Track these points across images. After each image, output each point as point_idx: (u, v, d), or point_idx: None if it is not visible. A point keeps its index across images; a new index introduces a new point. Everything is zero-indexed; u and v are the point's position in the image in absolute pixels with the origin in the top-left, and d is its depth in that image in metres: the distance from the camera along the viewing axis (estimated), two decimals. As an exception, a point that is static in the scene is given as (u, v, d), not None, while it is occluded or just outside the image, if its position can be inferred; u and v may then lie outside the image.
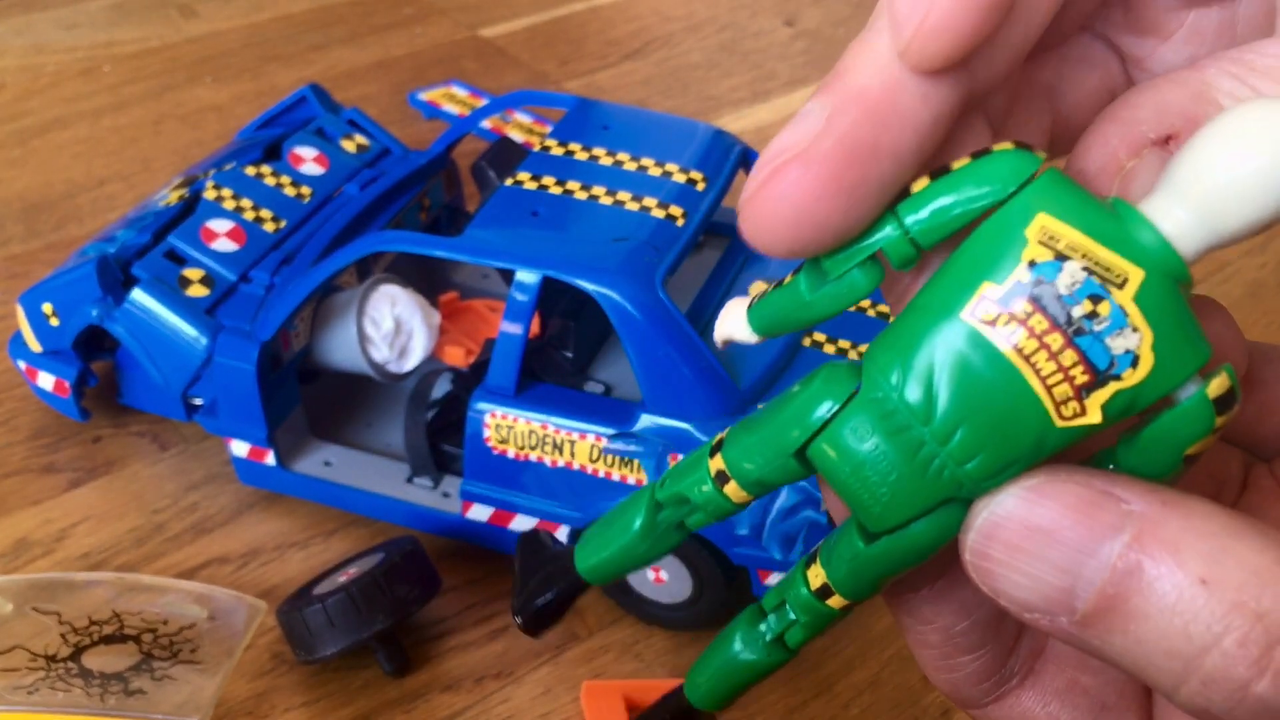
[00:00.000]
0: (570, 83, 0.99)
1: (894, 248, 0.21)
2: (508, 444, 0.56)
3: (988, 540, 0.21)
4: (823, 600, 0.24)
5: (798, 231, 0.21)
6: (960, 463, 0.21)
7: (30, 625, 0.52)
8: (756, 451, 0.23)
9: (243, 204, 0.65)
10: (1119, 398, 0.20)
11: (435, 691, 0.54)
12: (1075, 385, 0.20)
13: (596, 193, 0.58)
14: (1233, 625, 0.18)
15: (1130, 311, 0.19)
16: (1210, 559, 0.19)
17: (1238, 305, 0.75)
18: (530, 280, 0.54)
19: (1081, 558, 0.20)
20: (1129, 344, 0.20)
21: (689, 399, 0.53)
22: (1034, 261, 0.20)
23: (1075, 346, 0.20)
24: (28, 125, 0.93)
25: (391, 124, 0.86)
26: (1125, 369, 0.20)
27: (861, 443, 0.22)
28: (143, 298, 0.60)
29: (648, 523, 0.25)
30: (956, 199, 0.21)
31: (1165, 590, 0.19)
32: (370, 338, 0.60)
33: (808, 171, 0.20)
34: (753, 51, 1.04)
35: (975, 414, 0.20)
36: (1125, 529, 0.20)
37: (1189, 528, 0.19)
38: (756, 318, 0.24)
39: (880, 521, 0.22)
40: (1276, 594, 0.18)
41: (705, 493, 0.24)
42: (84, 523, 0.62)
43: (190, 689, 0.50)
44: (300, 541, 0.61)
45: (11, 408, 0.68)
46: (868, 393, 0.21)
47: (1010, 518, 0.21)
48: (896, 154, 0.21)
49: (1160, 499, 0.20)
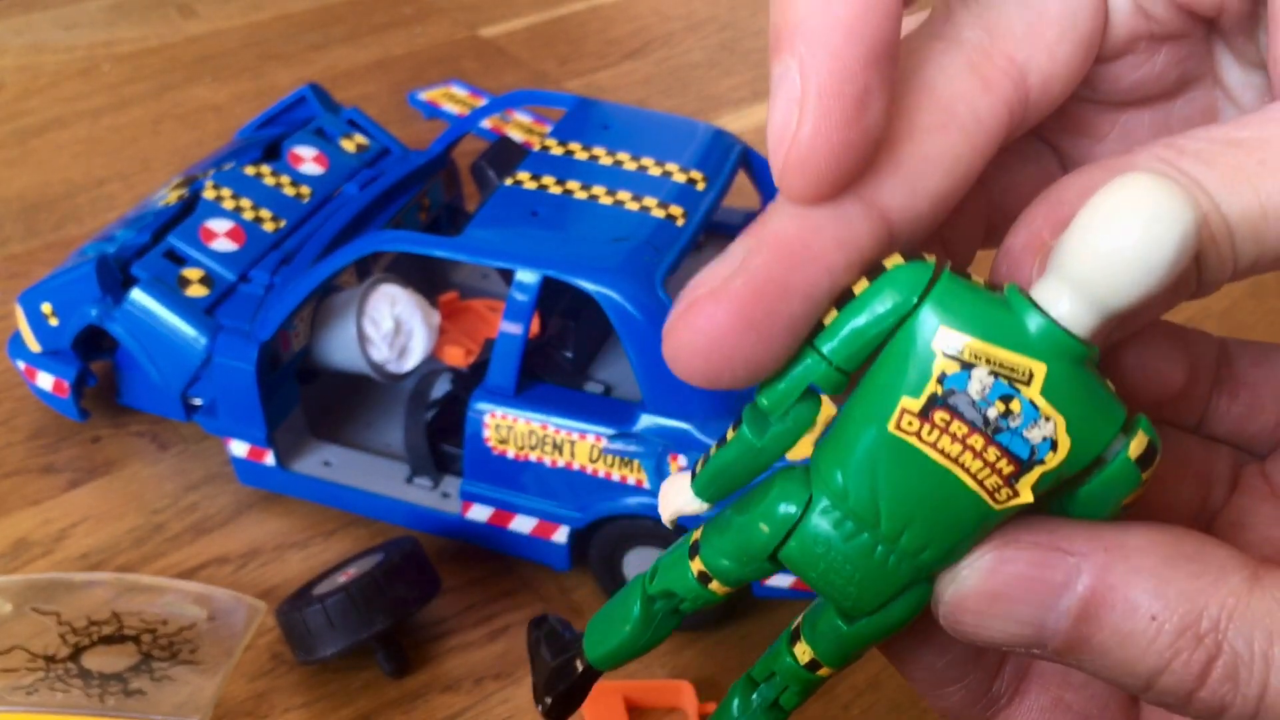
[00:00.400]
0: (570, 82, 0.99)
1: (823, 380, 0.22)
2: (507, 444, 0.56)
3: (958, 610, 0.23)
4: (813, 672, 0.26)
5: (710, 362, 0.22)
6: (914, 555, 0.23)
7: (29, 625, 0.52)
8: (731, 555, 0.25)
9: (242, 204, 0.65)
10: (1046, 478, 0.22)
11: (435, 692, 0.54)
12: (1003, 475, 0.22)
13: (596, 192, 0.57)
14: (1180, 649, 0.22)
15: (1040, 404, 0.21)
16: (1155, 594, 0.22)
17: (1238, 304, 0.75)
18: (530, 280, 0.54)
19: (1043, 612, 0.22)
20: (1045, 433, 0.21)
21: (689, 399, 0.53)
22: (944, 374, 0.21)
23: (996, 444, 0.21)
24: (27, 125, 0.93)
25: (391, 124, 0.85)
26: (1046, 453, 0.21)
27: (822, 549, 0.23)
28: (142, 298, 0.60)
29: (644, 614, 0.26)
30: (868, 321, 0.22)
31: (1120, 628, 0.22)
32: (370, 338, 0.60)
33: (719, 307, 0.22)
34: (753, 51, 1.04)
35: (917, 514, 0.22)
36: (1077, 583, 0.22)
37: (1132, 568, 0.22)
38: (704, 485, 0.25)
39: (855, 610, 0.24)
40: (1212, 615, 0.22)
41: (691, 588, 0.26)
42: (83, 523, 0.62)
43: (190, 689, 0.50)
44: (300, 542, 0.61)
45: (10, 408, 0.68)
46: (818, 503, 0.23)
47: (974, 591, 0.23)
48: (807, 294, 0.22)
49: (1103, 545, 0.22)
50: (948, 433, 0.21)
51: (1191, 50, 0.26)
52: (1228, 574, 0.22)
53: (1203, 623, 0.22)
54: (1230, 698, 0.22)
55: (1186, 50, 0.26)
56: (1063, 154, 0.28)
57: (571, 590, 0.59)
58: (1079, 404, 0.21)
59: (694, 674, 0.54)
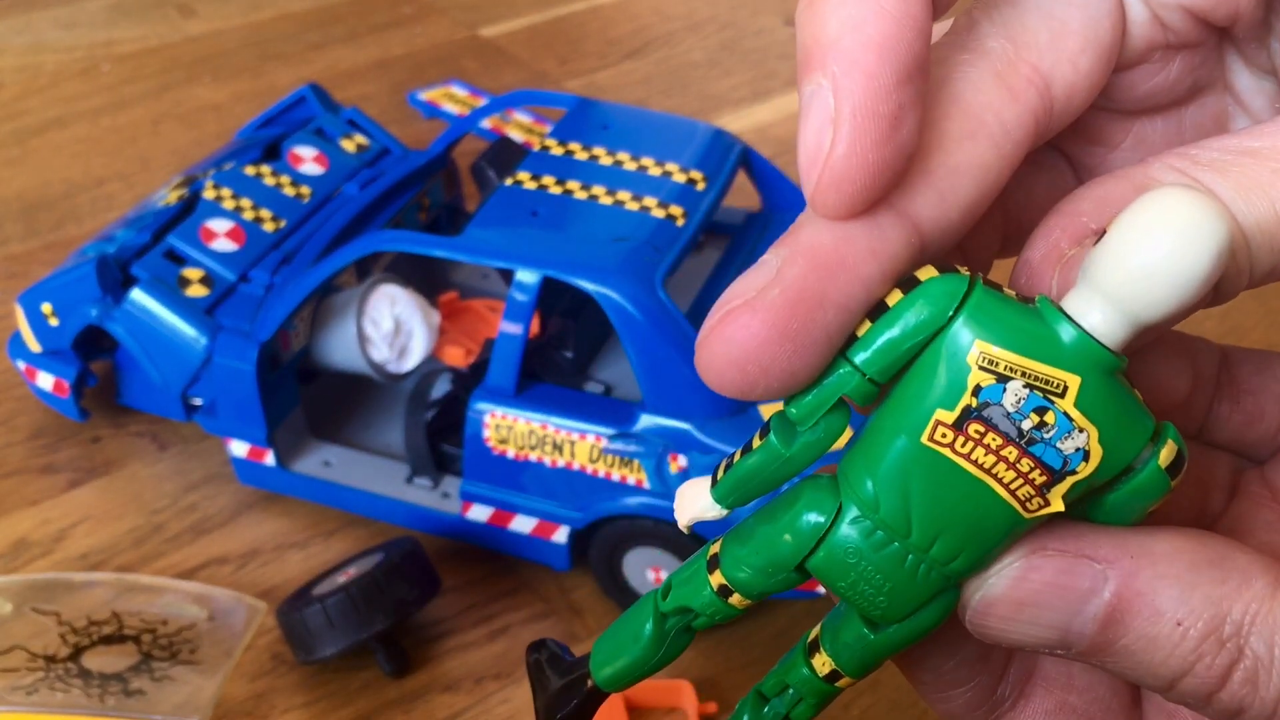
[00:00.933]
0: (570, 82, 0.99)
1: (856, 391, 0.23)
2: (507, 444, 0.56)
3: (984, 616, 0.23)
4: (833, 683, 0.26)
5: (744, 373, 0.22)
6: (945, 564, 0.23)
7: (29, 626, 0.52)
8: (756, 566, 0.24)
9: (242, 204, 0.65)
10: (1077, 487, 0.22)
11: (435, 692, 0.54)
12: (1035, 485, 0.22)
13: (596, 192, 0.57)
14: (1204, 653, 0.22)
15: (1074, 416, 0.21)
16: (1180, 601, 0.22)
17: (1240, 304, 0.75)
18: (530, 280, 0.54)
19: (1068, 618, 0.23)
20: (1078, 444, 0.21)
21: (689, 399, 0.53)
22: (979, 386, 0.21)
23: (1030, 455, 0.22)
24: (27, 125, 0.93)
25: (391, 124, 0.85)
26: (1079, 464, 0.22)
27: (853, 559, 0.23)
28: (142, 298, 0.60)
29: (656, 632, 0.26)
30: (902, 333, 0.22)
31: (1146, 633, 0.22)
32: (370, 338, 0.60)
33: (755, 318, 0.22)
34: (753, 51, 1.04)
35: (949, 525, 0.22)
36: (1103, 589, 0.22)
37: (1157, 575, 0.22)
38: (726, 492, 0.25)
39: (884, 619, 0.24)
40: (1235, 621, 0.22)
41: (709, 603, 0.25)
42: (83, 523, 0.62)
43: (190, 689, 0.50)
44: (300, 542, 0.61)
45: (11, 408, 0.68)
46: (848, 512, 0.23)
47: (1001, 598, 0.23)
48: (843, 305, 0.22)
49: (1129, 552, 0.23)
50: (981, 444, 0.22)
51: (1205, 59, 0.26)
52: (1251, 579, 0.22)
53: (1226, 627, 0.22)
54: (1249, 700, 0.22)
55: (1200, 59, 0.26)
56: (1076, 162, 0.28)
57: (571, 590, 0.59)
58: (1111, 415, 0.21)
59: (694, 674, 0.54)
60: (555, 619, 0.57)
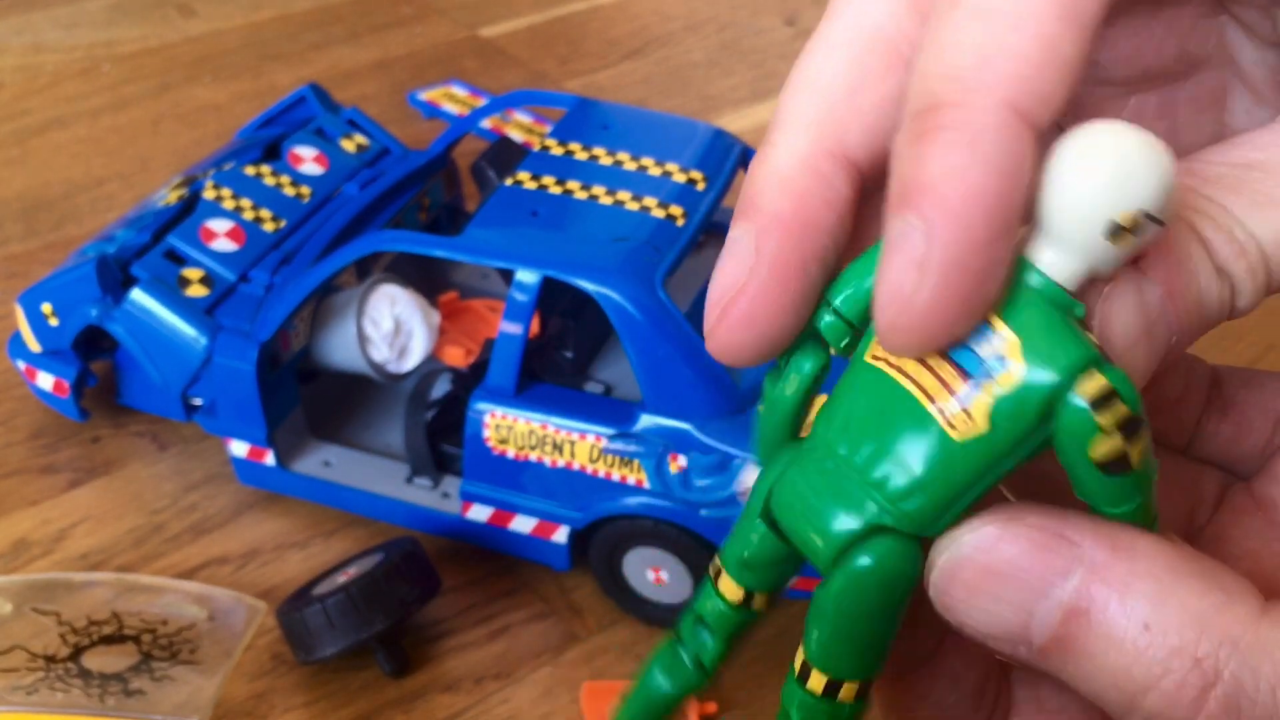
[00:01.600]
0: (570, 82, 0.99)
1: (829, 330, 0.23)
2: (507, 444, 0.56)
3: (949, 580, 0.22)
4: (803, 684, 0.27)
5: (758, 347, 0.24)
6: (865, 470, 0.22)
7: (29, 626, 0.52)
8: (735, 528, 0.25)
9: (242, 204, 0.65)
10: (1001, 403, 0.21)
11: (435, 692, 0.54)
12: (954, 393, 0.21)
13: (596, 192, 0.57)
14: (1172, 668, 0.20)
15: (995, 324, 0.21)
16: (1154, 603, 0.21)
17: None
18: (530, 280, 0.54)
19: (1035, 598, 0.21)
20: (997, 349, 0.21)
21: (689, 399, 0.53)
22: None
23: (950, 360, 0.21)
24: (26, 125, 0.93)
25: (391, 124, 0.85)
26: (998, 372, 0.21)
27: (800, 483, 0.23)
28: (142, 298, 0.60)
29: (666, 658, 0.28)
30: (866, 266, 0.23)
31: (1111, 632, 0.21)
32: (370, 338, 0.60)
33: (753, 301, 0.23)
34: (753, 51, 1.04)
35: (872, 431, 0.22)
36: (1075, 572, 0.21)
37: (1134, 571, 0.21)
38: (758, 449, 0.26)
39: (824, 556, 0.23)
40: (1213, 639, 0.20)
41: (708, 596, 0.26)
42: (83, 523, 0.62)
43: (190, 689, 0.50)
44: (300, 542, 0.61)
45: (11, 408, 0.68)
46: (805, 443, 0.24)
47: (968, 561, 0.22)
48: (819, 257, 0.23)
49: (1110, 542, 0.21)
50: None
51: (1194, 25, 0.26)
52: (1235, 601, 0.21)
53: (1201, 645, 0.20)
54: None
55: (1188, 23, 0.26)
56: None
57: (571, 590, 0.59)
58: (1039, 331, 0.21)
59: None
60: (555, 619, 0.57)
